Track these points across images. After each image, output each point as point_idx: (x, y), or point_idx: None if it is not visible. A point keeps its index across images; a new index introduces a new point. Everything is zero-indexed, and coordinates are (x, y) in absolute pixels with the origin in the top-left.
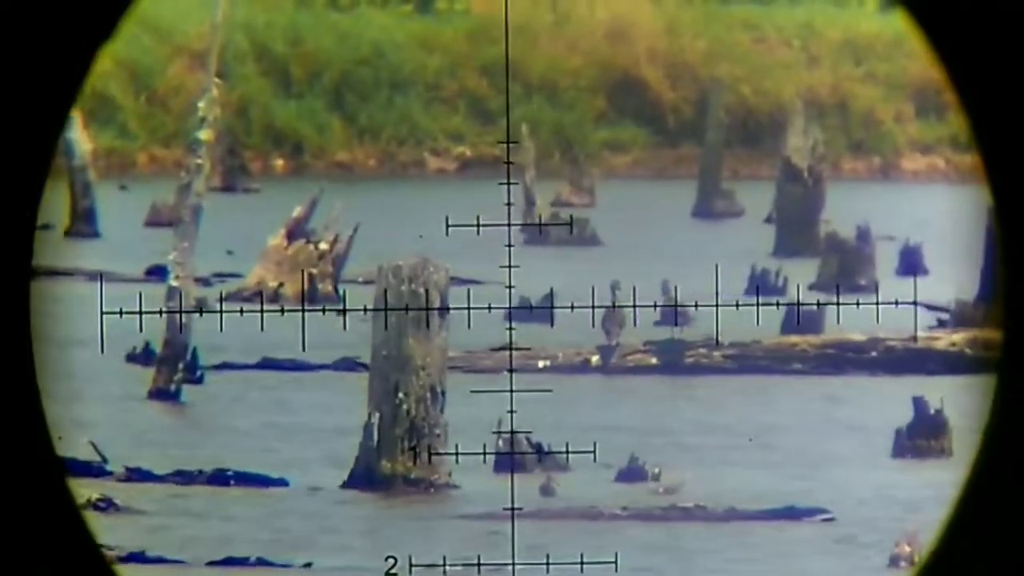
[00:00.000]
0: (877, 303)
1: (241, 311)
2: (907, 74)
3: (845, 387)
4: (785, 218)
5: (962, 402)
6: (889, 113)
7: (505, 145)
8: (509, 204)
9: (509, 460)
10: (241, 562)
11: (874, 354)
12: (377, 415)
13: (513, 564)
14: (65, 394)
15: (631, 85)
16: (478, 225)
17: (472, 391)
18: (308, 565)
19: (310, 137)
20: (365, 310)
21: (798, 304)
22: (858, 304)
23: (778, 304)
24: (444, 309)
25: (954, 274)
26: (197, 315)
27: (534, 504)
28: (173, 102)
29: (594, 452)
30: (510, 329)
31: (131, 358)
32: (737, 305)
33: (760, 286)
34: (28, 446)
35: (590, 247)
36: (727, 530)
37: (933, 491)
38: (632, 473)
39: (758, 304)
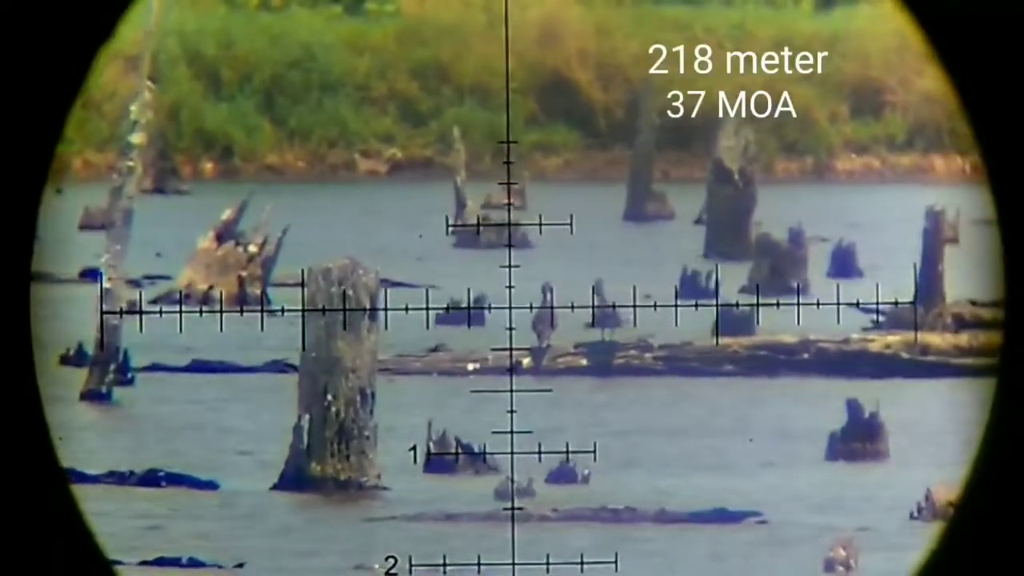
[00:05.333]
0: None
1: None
2: (842, 74)
3: (777, 389)
4: (716, 220)
5: (896, 404)
6: (823, 113)
7: (506, 146)
8: (509, 204)
9: (441, 461)
10: (173, 562)
11: (806, 356)
12: (307, 417)
13: (513, 564)
14: None
15: (562, 87)
16: (478, 225)
17: (472, 391)
18: (240, 566)
19: (240, 140)
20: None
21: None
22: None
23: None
24: (371, 309)
25: (889, 276)
26: (128, 317)
27: (467, 506)
28: (107, 107)
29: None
30: (510, 329)
31: (64, 360)
32: (680, 307)
33: (691, 288)
34: (27, 449)
35: (521, 249)
36: (658, 532)
37: (868, 494)
38: (562, 474)
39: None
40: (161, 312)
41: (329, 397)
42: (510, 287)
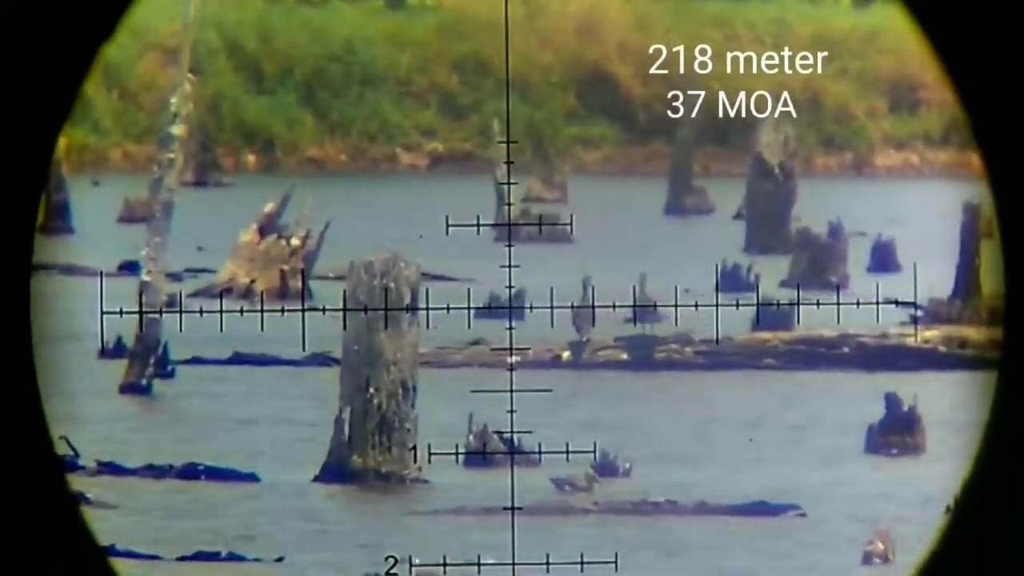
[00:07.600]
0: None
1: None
2: (880, 70)
3: (816, 383)
4: (756, 214)
5: (934, 398)
6: (862, 109)
7: (505, 145)
8: (509, 204)
9: (482, 456)
10: (212, 556)
11: (845, 350)
12: (348, 410)
13: (513, 564)
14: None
15: (601, 81)
16: (478, 225)
17: (472, 391)
18: (280, 559)
19: (281, 133)
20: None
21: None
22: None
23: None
24: (412, 308)
25: (927, 270)
26: (168, 310)
27: (507, 500)
28: (145, 98)
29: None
30: (510, 328)
31: (103, 353)
32: (711, 305)
33: (731, 282)
34: (25, 442)
35: (561, 243)
36: (698, 525)
37: (905, 487)
38: (604, 468)
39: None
40: (201, 312)
41: (371, 390)
42: (510, 287)
